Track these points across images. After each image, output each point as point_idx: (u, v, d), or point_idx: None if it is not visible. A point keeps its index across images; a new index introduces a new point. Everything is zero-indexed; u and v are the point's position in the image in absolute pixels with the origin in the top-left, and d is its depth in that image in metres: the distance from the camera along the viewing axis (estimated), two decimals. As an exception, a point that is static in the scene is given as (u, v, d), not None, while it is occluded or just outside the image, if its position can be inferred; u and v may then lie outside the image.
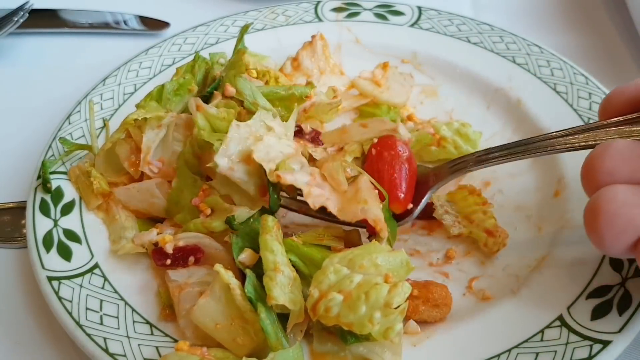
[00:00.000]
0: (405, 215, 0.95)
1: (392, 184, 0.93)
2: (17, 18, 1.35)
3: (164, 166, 0.98)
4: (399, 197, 0.93)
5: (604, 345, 0.80)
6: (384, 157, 0.95)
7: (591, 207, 0.73)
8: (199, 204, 0.92)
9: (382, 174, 0.94)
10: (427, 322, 0.88)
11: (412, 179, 0.96)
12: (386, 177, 0.94)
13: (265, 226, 0.85)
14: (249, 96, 0.95)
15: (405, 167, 0.95)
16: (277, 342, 0.78)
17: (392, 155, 0.95)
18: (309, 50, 1.21)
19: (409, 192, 0.95)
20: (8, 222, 1.07)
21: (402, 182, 0.94)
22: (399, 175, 0.94)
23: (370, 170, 0.95)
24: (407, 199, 0.94)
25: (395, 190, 0.93)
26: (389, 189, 0.92)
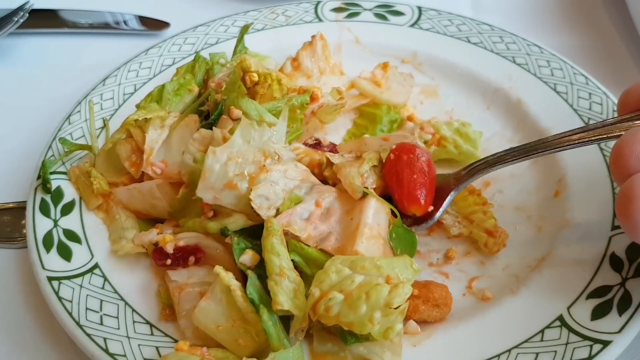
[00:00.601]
0: (427, 218, 0.96)
1: (411, 186, 0.93)
2: (17, 18, 1.35)
3: (167, 168, 0.98)
4: (419, 199, 0.93)
5: (604, 346, 0.80)
6: (402, 160, 0.95)
7: (624, 193, 0.71)
8: (204, 206, 0.92)
9: (402, 176, 0.94)
10: (427, 322, 0.88)
11: (432, 181, 0.96)
12: (405, 180, 0.93)
13: (271, 229, 0.84)
14: (255, 116, 0.95)
15: (425, 170, 0.95)
16: (279, 343, 0.78)
17: (411, 158, 0.95)
18: (309, 50, 1.21)
19: (429, 195, 0.95)
20: (8, 222, 1.07)
21: (421, 185, 0.94)
22: (419, 177, 0.94)
23: (389, 174, 0.95)
24: (428, 202, 0.94)
25: (415, 192, 0.93)
26: (408, 192, 0.93)
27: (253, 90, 1.06)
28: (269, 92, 1.05)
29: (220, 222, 0.89)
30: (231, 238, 0.87)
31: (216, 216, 0.92)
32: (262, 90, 1.05)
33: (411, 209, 0.93)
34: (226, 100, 0.99)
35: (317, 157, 0.99)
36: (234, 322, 0.80)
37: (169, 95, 1.10)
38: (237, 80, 0.99)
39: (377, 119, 1.17)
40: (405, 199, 0.93)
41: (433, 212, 0.95)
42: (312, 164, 0.99)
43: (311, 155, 1.00)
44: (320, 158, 0.99)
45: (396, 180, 0.94)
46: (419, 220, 0.95)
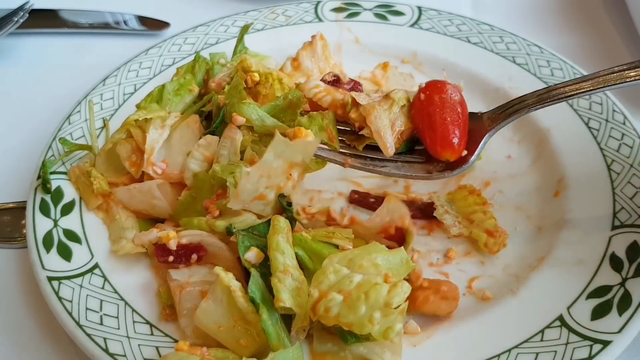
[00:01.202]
0: (460, 163, 0.90)
1: (445, 130, 0.87)
2: (17, 18, 1.35)
3: (167, 168, 0.98)
4: (453, 143, 0.87)
5: (604, 346, 0.80)
6: (434, 102, 0.88)
7: None
8: (210, 206, 0.92)
9: (434, 119, 0.87)
10: (436, 316, 0.88)
11: (465, 123, 0.89)
12: (438, 122, 0.87)
13: (277, 227, 0.84)
14: (257, 120, 0.96)
15: (459, 111, 0.88)
16: (279, 343, 0.78)
17: (443, 98, 0.88)
18: (309, 50, 1.21)
19: (463, 138, 0.88)
20: (8, 222, 1.07)
21: (455, 128, 0.87)
22: (453, 120, 0.87)
23: (419, 116, 0.89)
24: (462, 146, 0.88)
25: (448, 136, 0.87)
26: (442, 136, 0.87)
27: (255, 90, 1.06)
28: (271, 91, 1.05)
29: (227, 221, 0.89)
30: (236, 236, 0.87)
31: (221, 215, 0.92)
32: (264, 90, 1.05)
33: (445, 154, 0.88)
34: (228, 106, 0.99)
35: (340, 96, 0.93)
36: (235, 323, 0.80)
37: (169, 95, 1.11)
38: (238, 85, 0.99)
39: (377, 118, 1.17)
40: (439, 144, 0.87)
41: (467, 156, 0.89)
42: (334, 103, 0.94)
43: (332, 94, 0.94)
44: (343, 97, 0.92)
45: (428, 124, 0.87)
46: (452, 165, 0.90)
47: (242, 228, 0.88)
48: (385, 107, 0.88)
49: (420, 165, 0.91)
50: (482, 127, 0.91)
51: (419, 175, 0.91)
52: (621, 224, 0.94)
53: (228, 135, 0.96)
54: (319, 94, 0.93)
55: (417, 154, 0.94)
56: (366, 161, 0.91)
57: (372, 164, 0.89)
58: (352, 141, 0.94)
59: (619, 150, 1.04)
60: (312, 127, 0.91)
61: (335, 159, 0.92)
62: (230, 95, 0.99)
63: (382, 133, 0.87)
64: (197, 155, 0.98)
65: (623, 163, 1.02)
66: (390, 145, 0.87)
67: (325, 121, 0.92)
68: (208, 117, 1.07)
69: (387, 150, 0.87)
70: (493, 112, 0.92)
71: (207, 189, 0.95)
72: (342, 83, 0.98)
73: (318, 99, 0.92)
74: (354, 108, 0.91)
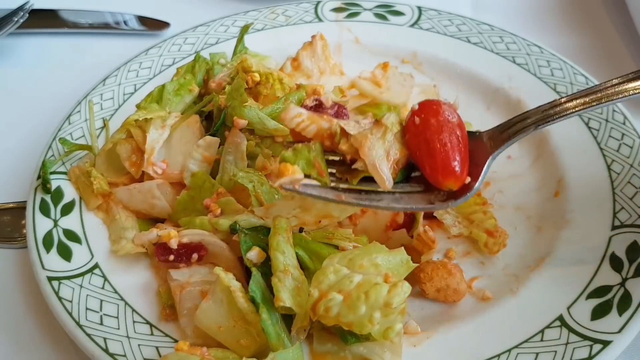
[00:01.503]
0: (464, 191, 0.82)
1: (445, 157, 0.80)
2: (17, 18, 1.35)
3: (167, 168, 0.98)
4: (456, 171, 0.80)
5: (604, 346, 0.80)
6: (431, 125, 0.81)
7: None
8: (211, 204, 0.92)
9: (432, 146, 0.80)
10: (438, 300, 0.90)
11: (466, 147, 0.82)
12: (437, 149, 0.80)
13: (278, 227, 0.84)
14: (258, 123, 0.96)
15: (458, 134, 0.81)
16: (279, 343, 0.78)
17: (440, 121, 0.81)
18: (309, 50, 1.21)
19: (465, 164, 0.81)
20: (8, 223, 1.07)
21: (456, 153, 0.80)
22: (453, 144, 0.80)
23: (415, 142, 0.82)
24: (464, 173, 0.81)
25: (449, 163, 0.80)
26: (443, 164, 0.80)
27: (255, 90, 1.06)
28: (272, 92, 1.05)
29: (231, 219, 0.89)
30: (239, 235, 0.87)
31: (222, 214, 0.92)
32: (264, 91, 1.05)
33: (447, 183, 0.81)
34: (229, 108, 0.99)
35: (325, 124, 0.84)
36: (235, 323, 0.80)
37: (169, 95, 1.11)
38: (240, 87, 0.99)
39: (377, 119, 1.17)
40: (440, 172, 0.80)
41: (470, 183, 0.82)
42: (320, 133, 0.84)
43: (317, 122, 0.84)
44: (330, 126, 0.84)
45: (426, 150, 0.80)
46: (455, 193, 0.82)
47: (247, 227, 0.88)
48: (378, 136, 0.81)
49: (421, 196, 0.84)
50: (484, 148, 0.84)
51: (421, 207, 0.83)
52: (621, 224, 0.94)
53: (232, 140, 0.96)
54: (302, 124, 0.84)
55: (415, 181, 0.86)
56: (361, 195, 0.83)
57: (368, 198, 0.81)
58: (344, 173, 0.85)
59: (619, 150, 1.04)
60: (298, 161, 0.82)
61: (327, 197, 0.83)
62: (231, 98, 1.00)
63: (378, 165, 0.80)
64: (196, 156, 0.98)
65: (623, 163, 1.02)
66: (388, 178, 0.80)
67: (312, 154, 0.83)
68: (208, 117, 1.07)
69: (384, 184, 0.80)
70: (494, 131, 0.86)
71: (207, 188, 0.95)
72: (325, 107, 0.90)
73: (302, 130, 0.83)
74: (344, 139, 0.83)
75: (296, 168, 0.81)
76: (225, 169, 0.96)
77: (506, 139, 0.84)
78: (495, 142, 0.84)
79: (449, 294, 0.90)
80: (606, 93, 0.80)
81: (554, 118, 0.81)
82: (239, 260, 0.90)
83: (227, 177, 0.96)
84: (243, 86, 0.99)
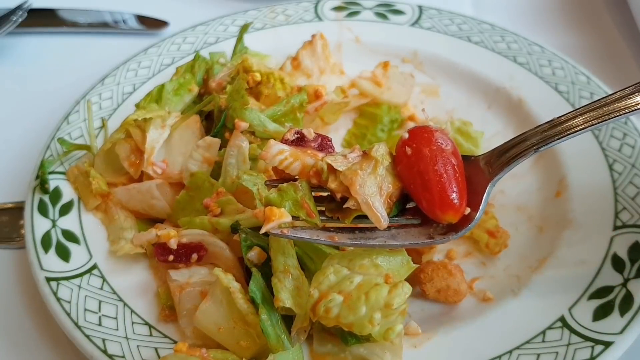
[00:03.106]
0: (464, 223, 0.78)
1: (442, 189, 0.75)
2: (16, 17, 1.34)
3: (167, 168, 0.98)
4: (454, 203, 0.75)
5: (606, 347, 0.79)
6: (424, 156, 0.77)
7: None
8: (211, 204, 0.92)
9: (427, 177, 0.76)
10: (438, 301, 0.90)
11: (462, 176, 0.78)
12: (433, 181, 0.76)
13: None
14: (258, 126, 0.95)
15: (453, 164, 0.77)
16: (278, 344, 0.77)
17: (434, 150, 0.77)
18: (309, 49, 1.21)
19: (463, 195, 0.77)
20: (6, 223, 1.07)
21: (453, 184, 0.76)
22: (449, 175, 0.76)
23: (409, 175, 0.78)
24: (463, 204, 0.77)
25: (447, 196, 0.75)
26: (440, 197, 0.76)
27: (256, 90, 1.05)
28: (273, 91, 1.04)
29: (231, 219, 0.88)
30: (240, 235, 0.86)
31: (222, 213, 0.92)
32: (266, 91, 1.05)
33: (446, 217, 0.76)
34: (229, 110, 0.99)
35: (310, 160, 0.79)
36: (235, 324, 0.80)
37: (168, 94, 1.10)
38: (241, 89, 0.98)
39: (378, 118, 1.17)
40: (438, 206, 0.76)
41: (471, 213, 0.78)
42: (305, 171, 0.80)
43: (301, 159, 0.80)
44: (315, 163, 0.79)
45: (421, 183, 0.76)
46: (455, 226, 0.78)
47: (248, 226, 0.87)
48: (368, 171, 0.76)
49: (419, 230, 0.79)
50: (481, 174, 0.79)
51: (420, 242, 0.79)
52: (623, 224, 0.94)
53: (234, 143, 0.96)
54: (285, 162, 0.79)
55: (411, 213, 0.81)
56: (356, 234, 0.79)
57: (364, 237, 0.77)
58: (334, 212, 0.80)
59: (621, 150, 1.04)
60: (284, 203, 0.77)
61: (320, 239, 0.78)
62: (232, 99, 0.99)
63: (372, 203, 0.74)
64: (196, 156, 0.97)
65: (625, 163, 1.02)
66: (383, 216, 0.75)
67: (299, 194, 0.78)
68: (208, 117, 1.07)
69: (380, 223, 0.75)
70: (491, 155, 0.81)
71: (206, 188, 0.95)
72: (307, 140, 0.82)
73: (285, 167, 0.79)
74: (332, 175, 0.77)
75: (283, 211, 0.76)
76: (227, 171, 0.96)
77: (505, 163, 0.78)
78: (494, 168, 0.79)
79: (450, 294, 0.89)
80: (613, 107, 0.74)
81: (555, 139, 0.76)
82: (239, 260, 0.89)
83: (229, 180, 0.95)
84: (244, 87, 0.98)
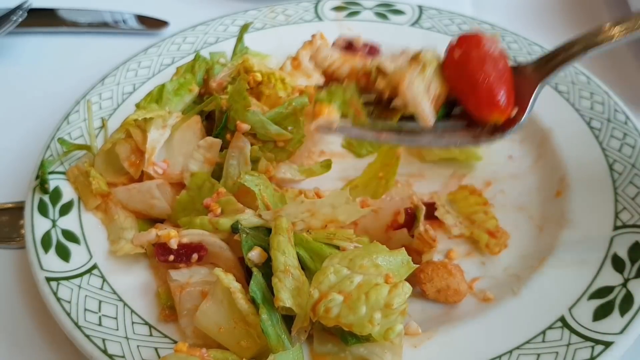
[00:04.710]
0: (510, 124, 0.79)
1: (489, 89, 0.77)
2: (16, 17, 1.34)
3: (168, 168, 0.98)
4: (500, 103, 0.77)
5: (606, 347, 0.79)
6: (472, 59, 0.78)
7: None
8: (211, 204, 0.92)
9: (475, 79, 0.77)
10: (439, 298, 0.90)
11: (509, 77, 0.79)
12: (480, 82, 0.77)
13: (279, 227, 0.84)
14: (260, 128, 0.96)
15: (501, 66, 0.78)
16: (278, 344, 0.77)
17: (482, 53, 0.78)
18: (309, 49, 1.21)
19: (510, 96, 0.78)
20: (6, 223, 1.06)
21: (500, 85, 0.77)
22: (496, 76, 0.77)
23: (456, 77, 0.80)
24: (510, 105, 0.78)
25: (494, 96, 0.77)
26: (487, 97, 0.77)
27: (257, 90, 1.05)
28: (273, 92, 1.04)
29: (232, 219, 0.88)
30: (240, 235, 0.86)
31: (223, 213, 0.92)
32: (267, 91, 1.04)
33: (492, 116, 0.78)
34: (230, 111, 0.99)
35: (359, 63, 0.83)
36: (235, 324, 0.80)
37: (169, 94, 1.10)
38: (242, 90, 0.98)
39: (378, 118, 1.17)
40: (484, 106, 0.78)
41: (517, 115, 0.79)
42: (354, 73, 0.84)
43: (350, 61, 0.84)
44: (364, 65, 0.82)
45: (468, 85, 0.78)
46: (501, 127, 0.80)
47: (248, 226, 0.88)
48: (416, 72, 0.79)
49: (464, 132, 0.81)
50: (529, 80, 0.80)
51: (465, 142, 0.80)
52: (623, 224, 0.94)
53: (236, 145, 0.96)
54: (334, 64, 0.84)
55: (456, 118, 0.83)
56: (401, 134, 0.80)
57: (409, 135, 0.79)
58: (381, 113, 0.83)
59: (621, 150, 1.04)
60: (333, 102, 0.82)
61: (367, 136, 0.81)
62: (234, 100, 0.99)
63: (420, 101, 0.78)
64: (197, 157, 0.97)
65: (625, 163, 1.02)
66: (430, 113, 0.77)
67: (347, 94, 0.82)
68: (208, 117, 1.07)
69: (426, 120, 0.77)
70: (538, 63, 0.82)
71: (207, 188, 0.95)
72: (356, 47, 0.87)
73: (334, 70, 0.83)
74: (380, 76, 0.81)
75: (332, 108, 0.79)
76: (228, 173, 0.96)
77: (554, 66, 0.79)
78: (542, 73, 0.80)
79: (450, 294, 0.89)
80: None
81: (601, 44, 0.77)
82: (239, 260, 0.89)
83: (230, 181, 0.95)
84: (245, 88, 0.98)
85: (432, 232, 0.92)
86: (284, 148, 1.00)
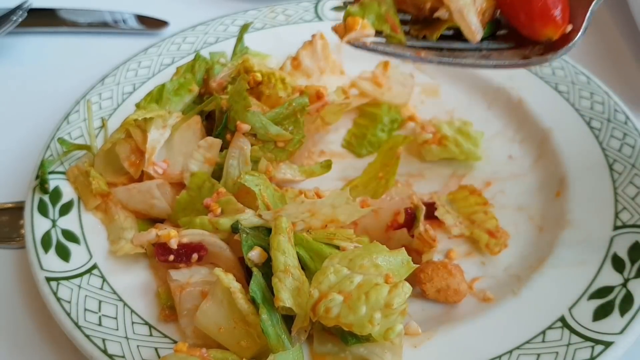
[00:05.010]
0: (565, 42, 0.74)
1: (543, 3, 0.72)
2: (16, 17, 1.34)
3: (168, 168, 0.98)
4: (555, 16, 0.72)
5: (606, 347, 0.79)
6: None
7: None
8: (211, 204, 0.92)
9: None
10: (438, 301, 0.90)
11: None
12: None
13: (279, 227, 0.84)
14: (260, 128, 0.96)
15: None
16: (278, 344, 0.77)
17: None
18: (309, 49, 1.21)
19: (566, 10, 0.73)
20: (6, 223, 1.06)
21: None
22: None
23: None
24: (565, 19, 0.73)
25: (549, 8, 0.72)
26: (540, 10, 0.72)
27: (257, 90, 1.05)
28: (274, 92, 1.04)
29: (232, 219, 0.88)
30: (240, 235, 0.86)
31: (223, 213, 0.92)
32: (267, 91, 1.04)
33: (545, 31, 0.73)
34: (231, 111, 0.99)
35: None
36: (235, 324, 0.80)
37: (169, 94, 1.10)
38: (242, 90, 0.98)
39: (378, 118, 1.17)
40: (537, 19, 0.72)
41: (571, 33, 0.74)
42: None
43: None
44: None
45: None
46: (554, 45, 0.74)
47: (248, 226, 0.88)
48: None
49: (513, 52, 0.74)
50: None
51: (514, 63, 0.74)
52: (623, 224, 0.94)
53: (236, 145, 0.96)
54: None
55: (502, 39, 0.77)
56: (443, 53, 0.73)
57: (451, 55, 0.72)
58: (420, 31, 0.75)
59: (621, 150, 1.04)
60: (367, 17, 0.73)
61: (404, 54, 0.73)
62: (234, 100, 0.99)
63: (465, 13, 0.70)
64: (197, 157, 0.97)
65: (625, 163, 1.02)
66: (477, 27, 0.70)
67: (383, 7, 0.73)
68: (208, 117, 1.07)
69: (473, 35, 0.71)
70: None
71: (207, 188, 0.95)
72: None
73: None
74: None
75: (366, 22, 0.72)
76: (228, 173, 0.96)
77: None
78: None
79: (450, 294, 0.89)
80: None
81: None
82: (239, 260, 0.89)
83: (230, 182, 0.95)
84: (245, 88, 0.98)
85: (432, 232, 0.92)
86: (284, 148, 1.00)
